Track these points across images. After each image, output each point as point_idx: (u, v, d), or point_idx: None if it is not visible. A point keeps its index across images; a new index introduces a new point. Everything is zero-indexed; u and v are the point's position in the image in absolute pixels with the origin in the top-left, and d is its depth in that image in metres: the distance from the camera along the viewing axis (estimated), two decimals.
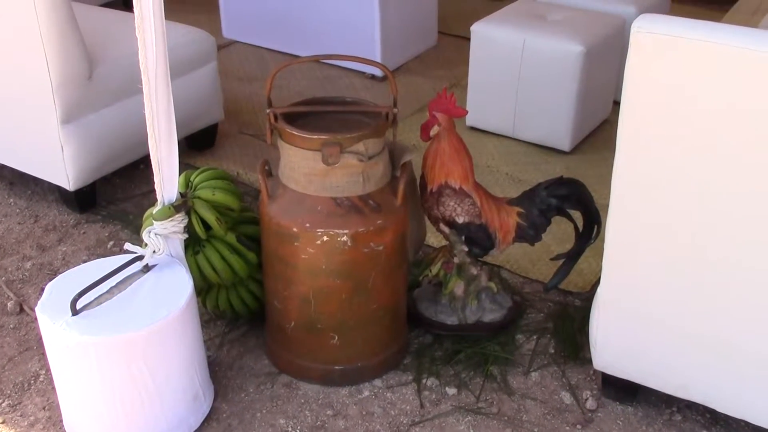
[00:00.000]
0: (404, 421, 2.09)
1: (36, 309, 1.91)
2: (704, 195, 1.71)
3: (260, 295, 2.28)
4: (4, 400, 2.15)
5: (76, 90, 2.64)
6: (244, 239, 2.21)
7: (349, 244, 2.00)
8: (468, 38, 3.34)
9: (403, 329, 2.28)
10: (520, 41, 3.17)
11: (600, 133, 3.43)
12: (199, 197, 2.12)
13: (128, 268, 1.98)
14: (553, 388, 2.19)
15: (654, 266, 1.84)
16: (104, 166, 2.84)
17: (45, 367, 2.23)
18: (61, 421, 2.06)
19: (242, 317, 2.38)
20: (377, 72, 3.90)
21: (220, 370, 2.24)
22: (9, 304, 2.47)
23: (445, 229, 2.20)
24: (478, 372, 2.22)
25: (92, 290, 1.90)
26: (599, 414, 2.11)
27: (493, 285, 2.33)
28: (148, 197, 2.95)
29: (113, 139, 2.80)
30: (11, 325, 2.41)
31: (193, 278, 2.03)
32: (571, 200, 2.22)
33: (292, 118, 2.05)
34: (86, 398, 1.92)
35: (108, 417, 1.93)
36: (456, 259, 2.26)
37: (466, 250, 2.23)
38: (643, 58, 1.66)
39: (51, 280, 2.00)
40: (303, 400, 2.15)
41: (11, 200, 3.00)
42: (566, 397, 2.16)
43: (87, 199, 2.90)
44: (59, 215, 2.90)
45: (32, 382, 2.21)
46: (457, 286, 2.29)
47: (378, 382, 2.20)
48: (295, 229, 2.00)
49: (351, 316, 2.10)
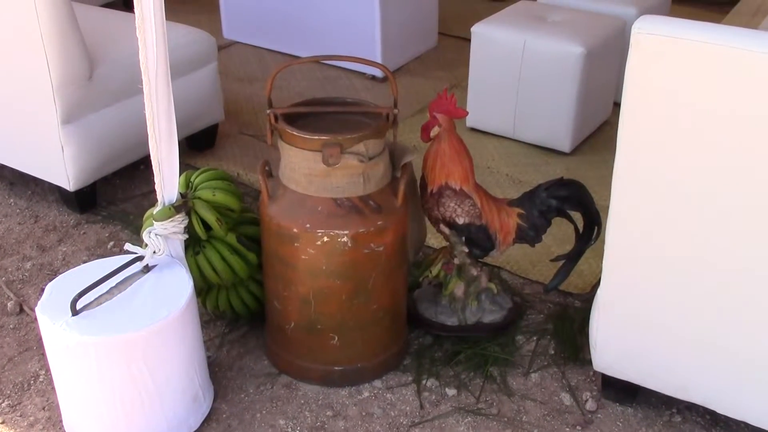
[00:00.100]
0: (404, 422, 2.09)
1: (36, 309, 1.91)
2: (704, 196, 1.71)
3: (260, 296, 2.28)
4: (3, 401, 2.15)
5: (77, 90, 2.64)
6: (245, 240, 2.21)
7: (350, 244, 2.00)
8: (468, 39, 3.34)
9: (403, 330, 2.28)
10: (520, 42, 3.17)
11: (600, 134, 3.43)
12: (200, 198, 2.12)
13: (128, 269, 1.98)
14: (553, 389, 2.19)
15: (654, 267, 1.84)
16: (104, 167, 2.84)
17: (45, 367, 2.23)
18: (61, 422, 2.06)
19: (242, 318, 2.38)
20: (378, 73, 3.90)
21: (220, 371, 2.24)
22: (9, 305, 2.47)
23: (446, 230, 2.20)
24: (478, 373, 2.22)
25: (92, 290, 1.90)
26: (599, 415, 2.11)
27: (493, 286, 2.33)
28: (149, 198, 2.95)
29: (114, 140, 2.80)
30: (11, 326, 2.41)
31: (193, 279, 2.03)
32: (571, 201, 2.22)
33: (293, 119, 2.04)
34: (86, 398, 1.92)
35: (108, 417, 1.93)
36: (456, 260, 2.26)
37: (467, 251, 2.23)
38: (643, 60, 1.66)
39: (51, 281, 2.00)
40: (303, 401, 2.15)
41: (11, 200, 3.00)
42: (566, 398, 2.16)
43: (87, 200, 2.90)
44: (59, 215, 2.90)
45: (32, 382, 2.21)
46: (457, 287, 2.29)
47: (378, 383, 2.20)
48: (295, 230, 2.00)
49: (351, 316, 2.10)
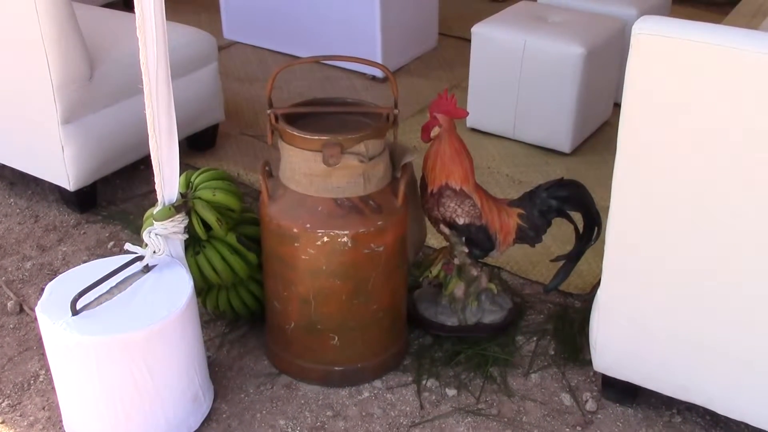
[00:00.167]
0: (404, 422, 2.09)
1: (36, 309, 1.91)
2: (704, 197, 1.71)
3: (260, 296, 2.28)
4: (3, 400, 2.15)
5: (77, 90, 2.64)
6: (245, 240, 2.21)
7: (350, 244, 2.00)
8: (469, 40, 3.34)
9: (403, 330, 2.28)
10: (520, 43, 3.17)
11: (600, 134, 3.42)
12: (200, 198, 2.12)
13: (128, 269, 1.98)
14: (553, 390, 2.19)
15: (654, 268, 1.84)
16: (105, 167, 2.84)
17: (45, 367, 2.23)
18: (61, 422, 2.06)
19: (242, 318, 2.38)
20: (378, 73, 3.90)
21: (220, 371, 2.24)
22: (9, 304, 2.47)
23: (446, 231, 2.20)
24: (478, 373, 2.22)
25: (92, 290, 1.90)
26: (599, 415, 2.11)
27: (493, 286, 2.33)
28: (149, 198, 2.95)
29: (114, 140, 2.80)
30: (11, 325, 2.41)
31: (194, 279, 2.03)
32: (571, 202, 2.22)
33: (293, 119, 2.04)
34: (86, 398, 1.92)
35: (108, 417, 1.93)
36: (456, 261, 2.26)
37: (467, 251, 2.23)
38: (643, 60, 1.66)
39: (51, 280, 2.00)
40: (303, 401, 2.15)
41: (11, 200, 3.00)
42: (566, 399, 2.16)
43: (87, 200, 2.90)
44: (59, 215, 2.90)
45: (32, 382, 2.21)
46: (458, 288, 2.29)
47: (378, 383, 2.20)
48: (295, 230, 2.00)
49: (351, 317, 2.10)
